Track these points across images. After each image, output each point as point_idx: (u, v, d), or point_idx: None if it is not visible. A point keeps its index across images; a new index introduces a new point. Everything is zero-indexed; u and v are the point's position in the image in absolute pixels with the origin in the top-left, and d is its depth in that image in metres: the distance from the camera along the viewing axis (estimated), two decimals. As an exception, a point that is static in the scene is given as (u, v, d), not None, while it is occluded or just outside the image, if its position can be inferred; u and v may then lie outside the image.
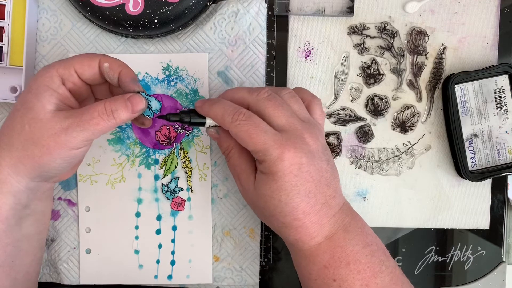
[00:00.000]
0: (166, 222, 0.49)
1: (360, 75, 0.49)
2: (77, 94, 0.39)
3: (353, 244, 0.38)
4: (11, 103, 0.48)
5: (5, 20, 0.46)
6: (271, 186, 0.37)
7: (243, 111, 0.38)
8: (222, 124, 0.38)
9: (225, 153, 0.42)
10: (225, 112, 0.38)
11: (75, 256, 0.49)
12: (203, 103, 0.40)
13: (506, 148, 0.48)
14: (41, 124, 0.35)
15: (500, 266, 0.50)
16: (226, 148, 0.41)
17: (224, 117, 0.38)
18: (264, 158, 0.37)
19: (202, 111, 0.40)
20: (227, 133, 0.40)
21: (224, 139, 0.41)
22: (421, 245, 0.50)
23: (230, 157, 0.41)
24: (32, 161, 0.36)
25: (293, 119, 0.38)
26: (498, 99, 0.48)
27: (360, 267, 0.38)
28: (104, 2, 0.44)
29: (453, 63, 0.49)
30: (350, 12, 0.48)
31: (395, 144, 0.50)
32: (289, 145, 0.36)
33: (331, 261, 0.38)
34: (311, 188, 0.37)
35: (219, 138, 0.41)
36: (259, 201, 0.38)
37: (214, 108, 0.39)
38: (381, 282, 0.38)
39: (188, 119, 0.40)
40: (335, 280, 0.38)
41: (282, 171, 0.36)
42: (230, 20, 0.48)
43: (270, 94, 0.39)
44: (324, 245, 0.38)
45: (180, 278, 0.49)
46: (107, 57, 0.39)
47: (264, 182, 0.37)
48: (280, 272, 0.50)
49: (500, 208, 0.50)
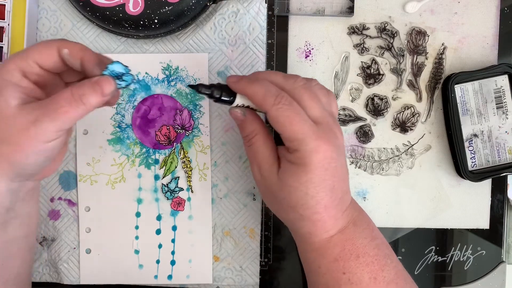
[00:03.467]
0: (166, 222, 0.49)
1: (360, 75, 0.49)
2: (44, 84, 0.36)
3: (362, 237, 0.39)
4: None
5: (5, 20, 0.46)
6: (300, 178, 0.36)
7: (285, 95, 0.36)
8: (261, 104, 0.36)
9: (247, 138, 0.39)
10: (267, 92, 0.36)
11: (75, 256, 0.49)
12: (240, 79, 0.37)
13: (506, 148, 0.48)
14: (7, 121, 0.33)
15: (500, 266, 0.50)
16: (250, 132, 0.39)
17: (266, 97, 0.36)
18: (298, 148, 0.35)
19: (238, 87, 0.37)
20: (254, 116, 0.38)
21: (250, 122, 0.39)
22: (421, 245, 0.50)
23: (253, 143, 0.39)
24: (6, 160, 0.34)
25: (325, 112, 0.37)
26: (498, 99, 0.48)
27: (368, 260, 0.38)
28: (104, 2, 0.44)
29: (453, 63, 0.49)
30: (350, 12, 0.48)
31: (395, 144, 0.50)
32: (325, 138, 0.36)
33: (342, 254, 0.38)
34: (335, 183, 0.37)
35: (244, 121, 0.39)
36: (281, 192, 0.37)
37: (254, 86, 0.36)
38: (388, 276, 0.38)
39: (218, 94, 0.37)
40: (345, 273, 0.37)
41: (314, 163, 0.35)
42: (230, 20, 0.48)
43: (305, 83, 0.38)
44: (336, 238, 0.38)
45: (180, 278, 0.49)
46: (65, 42, 0.35)
47: (292, 173, 0.36)
48: (280, 272, 0.50)
49: (500, 208, 0.50)
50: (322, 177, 0.36)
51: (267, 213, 0.49)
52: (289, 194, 0.37)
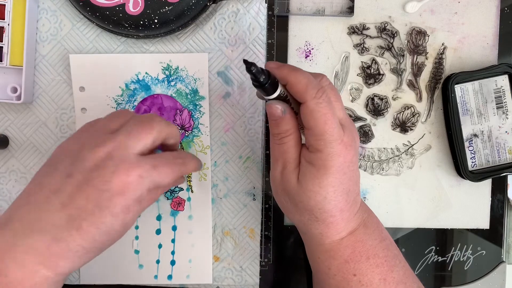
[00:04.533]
0: (166, 222, 0.49)
1: (360, 75, 0.49)
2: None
3: (372, 239, 0.39)
4: (11, 103, 0.48)
5: (5, 20, 0.46)
6: (320, 182, 0.35)
7: (326, 91, 0.34)
8: (302, 94, 0.34)
9: (279, 135, 0.37)
10: (310, 83, 0.34)
11: (75, 256, 0.49)
12: (280, 65, 0.35)
13: (506, 148, 0.48)
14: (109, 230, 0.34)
15: (500, 266, 0.50)
16: (285, 131, 0.36)
17: (309, 88, 0.34)
18: (323, 149, 0.34)
19: (281, 72, 0.35)
20: (292, 115, 0.36)
21: (287, 121, 0.36)
22: (421, 245, 0.50)
23: (285, 142, 0.37)
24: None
25: (346, 114, 0.37)
26: (498, 99, 0.48)
27: (378, 261, 0.38)
28: (104, 2, 0.44)
29: (453, 63, 0.49)
30: (350, 12, 0.48)
31: (395, 144, 0.50)
32: (347, 142, 0.35)
33: (352, 256, 0.37)
34: (350, 186, 0.36)
35: (281, 118, 0.36)
36: (299, 196, 0.36)
37: (298, 74, 0.34)
38: (397, 276, 0.38)
39: (265, 81, 0.34)
40: (355, 275, 0.37)
41: (336, 167, 0.35)
42: (230, 20, 0.48)
43: (330, 82, 0.37)
44: (346, 240, 0.38)
45: (180, 278, 0.49)
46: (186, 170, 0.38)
47: (313, 176, 0.35)
48: (280, 272, 0.50)
49: (500, 208, 0.50)
50: (340, 181, 0.35)
51: (267, 213, 0.49)
52: (308, 198, 0.36)
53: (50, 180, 0.34)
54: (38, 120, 0.49)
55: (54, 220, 0.32)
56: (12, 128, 0.49)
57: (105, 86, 0.48)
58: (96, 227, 0.33)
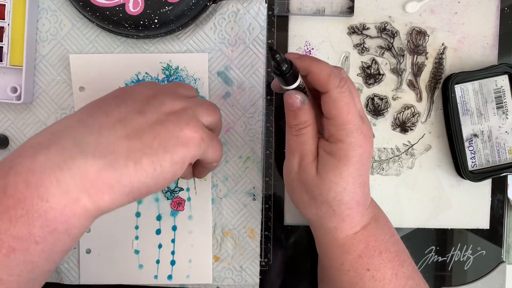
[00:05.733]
0: (166, 222, 0.49)
1: (360, 75, 0.49)
2: None
3: (383, 233, 0.39)
4: (11, 103, 0.48)
5: (5, 20, 0.46)
6: (341, 172, 0.35)
7: (347, 81, 0.35)
8: (324, 84, 0.34)
9: (297, 127, 0.37)
10: (332, 72, 0.34)
11: (75, 256, 0.49)
12: (302, 55, 0.35)
13: (506, 148, 0.48)
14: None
15: (500, 266, 0.50)
16: (303, 122, 0.36)
17: (332, 77, 0.34)
18: (344, 139, 0.35)
19: (303, 62, 0.35)
20: (310, 106, 0.36)
21: (306, 111, 0.36)
22: (421, 245, 0.50)
23: (303, 133, 0.36)
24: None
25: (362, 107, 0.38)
26: (498, 99, 0.48)
27: (390, 256, 0.38)
28: (104, 2, 0.44)
29: (453, 63, 0.49)
30: (350, 12, 0.48)
31: (395, 144, 0.50)
32: (367, 133, 0.36)
33: (366, 250, 0.38)
34: (366, 178, 0.37)
35: (300, 109, 0.36)
36: (318, 187, 0.36)
37: (320, 64, 0.35)
38: (407, 271, 0.38)
39: (288, 70, 0.34)
40: (369, 270, 0.37)
41: (356, 157, 0.35)
42: (230, 20, 0.48)
43: (347, 75, 0.37)
44: (360, 234, 0.38)
45: (180, 278, 0.49)
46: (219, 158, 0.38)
47: (333, 167, 0.35)
48: (280, 272, 0.50)
49: (500, 208, 0.50)
50: (359, 172, 0.36)
51: (267, 213, 0.49)
52: (328, 189, 0.36)
53: (117, 110, 0.32)
54: (38, 120, 0.49)
55: (113, 147, 0.30)
56: (12, 128, 0.49)
57: (105, 86, 0.48)
58: (154, 167, 0.31)
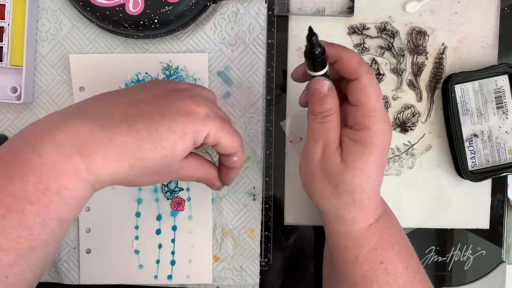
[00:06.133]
0: (166, 222, 0.49)
1: (360, 75, 0.49)
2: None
3: (394, 226, 0.39)
4: (11, 103, 0.48)
5: (5, 20, 0.46)
6: (367, 159, 0.35)
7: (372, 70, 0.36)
8: (355, 70, 0.35)
9: (322, 114, 0.36)
10: (362, 60, 0.36)
11: (75, 256, 0.49)
12: (331, 43, 0.36)
13: (506, 148, 0.48)
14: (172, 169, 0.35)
15: (500, 266, 0.50)
16: (329, 109, 0.36)
17: (362, 65, 0.35)
18: (371, 126, 0.35)
19: (334, 50, 0.36)
20: (336, 93, 0.37)
21: (332, 98, 0.36)
22: (421, 245, 0.50)
23: (329, 121, 0.36)
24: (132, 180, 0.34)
25: None
26: (498, 99, 0.48)
27: (401, 249, 0.38)
28: (104, 2, 0.44)
29: (453, 63, 0.49)
30: (350, 12, 0.48)
31: (395, 144, 0.50)
32: (389, 123, 0.37)
33: (380, 243, 0.38)
34: (383, 169, 0.37)
35: (327, 96, 0.36)
36: (343, 175, 0.36)
37: (350, 51, 0.35)
38: (415, 265, 0.39)
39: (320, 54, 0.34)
40: (382, 263, 0.37)
41: (381, 144, 0.35)
42: (230, 20, 0.48)
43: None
44: (374, 226, 0.38)
45: (180, 278, 0.49)
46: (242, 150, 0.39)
47: (360, 154, 0.35)
48: (280, 272, 0.50)
49: (500, 208, 0.50)
50: (381, 160, 0.36)
51: (267, 213, 0.49)
52: (353, 176, 0.36)
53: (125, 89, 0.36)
54: (38, 120, 0.49)
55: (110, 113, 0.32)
56: (12, 128, 0.49)
57: (105, 86, 0.48)
58: (148, 131, 0.31)
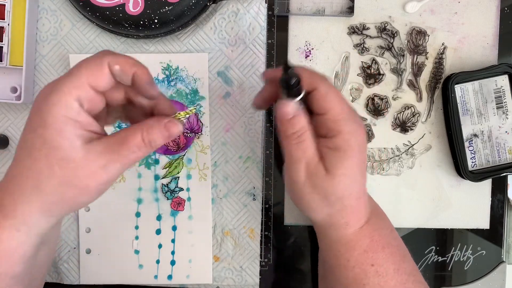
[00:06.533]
0: (166, 222, 0.49)
1: (360, 75, 0.49)
2: (94, 113, 0.33)
3: (384, 228, 0.39)
4: (11, 103, 0.48)
5: (5, 20, 0.46)
6: (349, 163, 0.35)
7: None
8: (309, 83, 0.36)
9: (296, 134, 0.36)
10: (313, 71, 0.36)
11: (75, 256, 0.49)
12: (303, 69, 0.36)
13: (506, 148, 0.48)
14: (74, 165, 0.31)
15: (500, 266, 0.50)
16: (301, 128, 0.36)
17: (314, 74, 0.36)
18: (341, 129, 0.35)
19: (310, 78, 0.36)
20: (304, 112, 0.37)
21: (301, 116, 0.36)
22: (421, 245, 0.50)
23: (303, 140, 0.36)
24: (69, 203, 0.32)
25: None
26: (498, 99, 0.48)
27: (392, 250, 0.38)
28: (104, 2, 0.44)
29: (453, 63, 0.49)
30: (350, 12, 0.48)
31: (395, 144, 0.49)
32: (359, 121, 0.37)
33: (371, 245, 0.38)
34: (364, 168, 0.38)
35: (296, 116, 0.36)
36: (331, 186, 0.36)
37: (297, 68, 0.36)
38: (407, 267, 0.39)
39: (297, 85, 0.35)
40: (373, 265, 0.38)
41: (357, 145, 0.36)
42: (230, 20, 0.48)
43: None
44: (365, 228, 0.38)
45: (180, 278, 0.49)
46: (115, 57, 0.32)
47: (341, 159, 0.35)
48: (280, 272, 0.50)
49: (500, 208, 0.50)
50: (361, 160, 0.37)
51: (267, 213, 0.49)
52: (338, 183, 0.36)
53: None
54: (38, 120, 0.49)
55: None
56: (12, 128, 0.49)
57: (105, 86, 0.48)
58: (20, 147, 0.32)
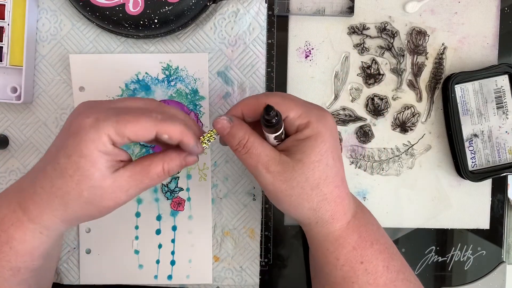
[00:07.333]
0: (166, 222, 0.49)
1: (360, 75, 0.49)
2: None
3: (371, 223, 0.39)
4: (11, 103, 0.48)
5: (5, 20, 0.46)
6: (320, 150, 0.36)
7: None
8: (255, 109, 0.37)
9: (240, 144, 0.37)
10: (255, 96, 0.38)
11: (75, 256, 0.49)
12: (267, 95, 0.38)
13: (506, 148, 0.48)
14: (102, 191, 0.34)
15: (500, 266, 0.50)
16: (242, 137, 0.36)
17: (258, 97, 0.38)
18: (309, 119, 0.36)
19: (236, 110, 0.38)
20: (240, 120, 0.37)
21: (239, 127, 0.37)
22: (421, 245, 0.50)
23: (250, 147, 0.36)
24: (88, 217, 0.37)
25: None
26: (498, 99, 0.48)
27: (381, 247, 0.38)
28: (104, 2, 0.44)
29: (453, 63, 0.49)
30: (350, 12, 0.48)
31: (395, 144, 0.49)
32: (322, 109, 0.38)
33: (359, 241, 0.38)
34: (340, 153, 0.38)
35: (232, 127, 0.37)
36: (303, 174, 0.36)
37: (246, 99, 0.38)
38: (396, 265, 0.39)
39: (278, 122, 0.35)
40: (362, 263, 0.37)
41: (329, 130, 0.36)
42: (230, 20, 0.48)
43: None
44: (352, 224, 0.38)
45: (180, 278, 0.49)
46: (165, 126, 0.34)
47: (313, 146, 0.36)
48: (280, 272, 0.50)
49: (500, 208, 0.50)
50: (334, 145, 0.37)
51: (267, 213, 0.49)
52: (312, 171, 0.36)
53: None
54: (38, 120, 0.49)
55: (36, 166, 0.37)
56: (12, 128, 0.49)
57: (105, 86, 0.48)
58: (53, 168, 0.34)
